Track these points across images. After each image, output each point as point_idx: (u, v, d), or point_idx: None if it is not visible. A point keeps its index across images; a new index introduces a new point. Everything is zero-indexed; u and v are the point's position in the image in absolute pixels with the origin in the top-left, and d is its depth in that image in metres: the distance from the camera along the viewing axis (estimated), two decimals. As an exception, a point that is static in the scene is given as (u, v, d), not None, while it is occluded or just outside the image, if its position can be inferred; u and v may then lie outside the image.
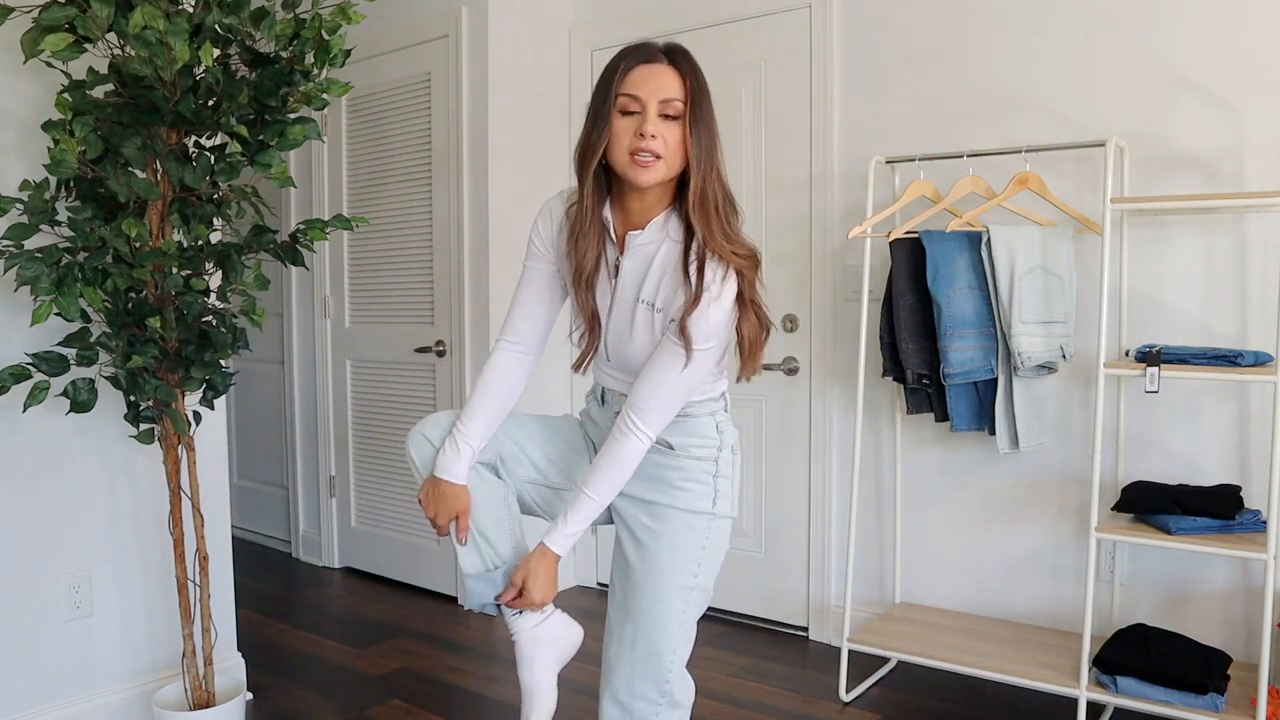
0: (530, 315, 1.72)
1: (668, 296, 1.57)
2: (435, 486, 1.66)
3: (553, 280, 1.71)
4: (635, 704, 1.66)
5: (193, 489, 2.35)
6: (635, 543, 1.68)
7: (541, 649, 1.68)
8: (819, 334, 3.24)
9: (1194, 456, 2.65)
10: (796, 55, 3.25)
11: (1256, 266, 2.54)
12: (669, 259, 1.57)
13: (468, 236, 3.56)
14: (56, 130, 2.05)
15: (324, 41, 2.17)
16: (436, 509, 1.66)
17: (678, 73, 1.51)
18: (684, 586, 1.65)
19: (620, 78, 1.50)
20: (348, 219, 2.34)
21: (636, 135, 1.48)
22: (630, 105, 1.49)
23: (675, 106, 1.49)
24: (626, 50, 1.53)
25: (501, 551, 1.68)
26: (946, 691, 2.84)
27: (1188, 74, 2.61)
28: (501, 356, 1.73)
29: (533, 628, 1.68)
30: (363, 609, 3.68)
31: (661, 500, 1.67)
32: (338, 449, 4.12)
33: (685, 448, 1.67)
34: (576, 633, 1.74)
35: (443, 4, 3.60)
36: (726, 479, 1.70)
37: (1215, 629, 2.62)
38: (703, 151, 1.50)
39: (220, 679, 2.47)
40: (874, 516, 3.18)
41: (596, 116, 1.51)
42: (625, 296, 1.61)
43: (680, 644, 1.68)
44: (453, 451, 1.65)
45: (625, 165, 1.51)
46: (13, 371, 2.08)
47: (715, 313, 1.52)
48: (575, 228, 1.59)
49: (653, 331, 1.59)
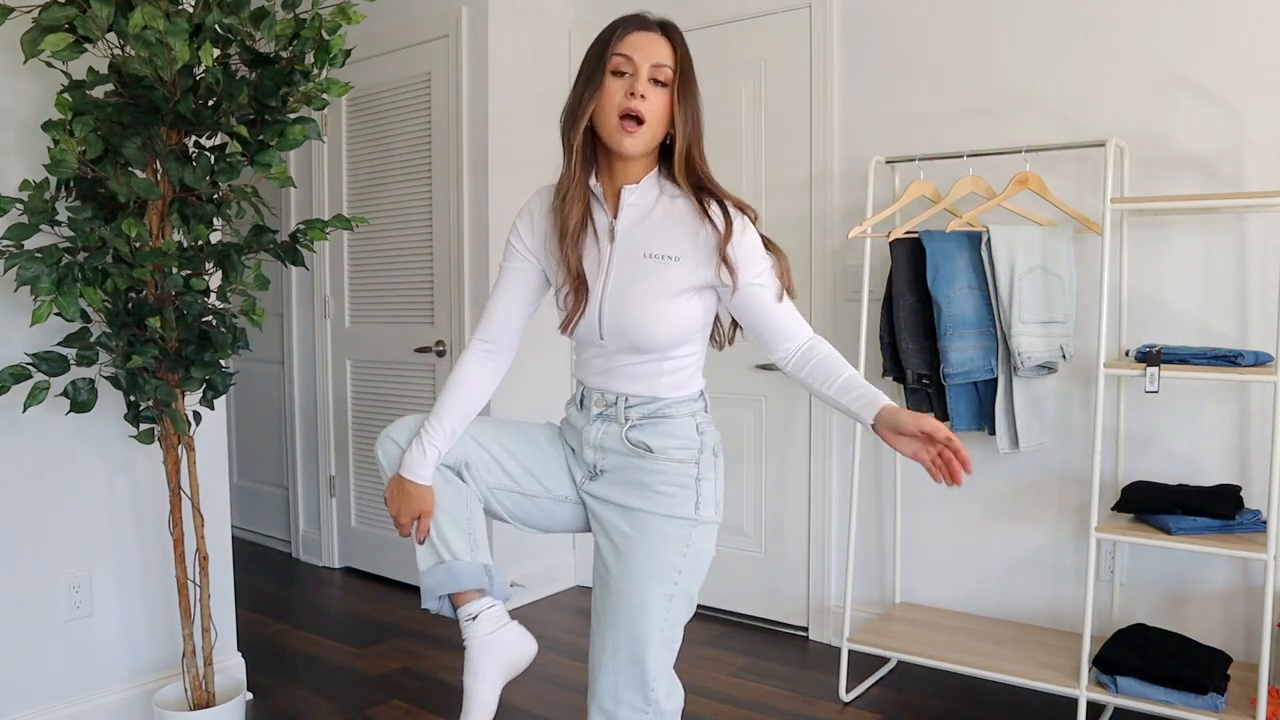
0: (505, 315, 1.72)
1: (686, 247, 1.60)
2: (400, 486, 1.65)
3: (530, 280, 1.72)
4: (621, 711, 1.63)
5: (193, 489, 2.35)
6: (614, 549, 1.67)
7: (490, 657, 1.65)
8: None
9: (1194, 456, 2.65)
10: (796, 55, 3.25)
11: (1256, 266, 2.54)
12: (672, 213, 1.62)
13: (468, 236, 3.56)
14: (56, 130, 2.05)
15: (324, 41, 2.17)
16: (400, 507, 1.65)
17: (669, 42, 1.58)
18: (664, 594, 1.63)
19: (616, 40, 1.57)
20: (348, 219, 2.34)
21: (626, 95, 1.54)
22: (623, 65, 1.56)
23: (665, 73, 1.56)
24: (622, 18, 1.60)
25: (459, 554, 1.65)
26: (946, 691, 2.84)
27: (1188, 74, 2.61)
28: (470, 358, 1.73)
29: (485, 635, 1.65)
30: (363, 609, 3.68)
31: (641, 506, 1.65)
32: (338, 449, 4.12)
33: (665, 450, 1.65)
34: (530, 647, 1.71)
35: (443, 4, 3.60)
36: (709, 482, 1.68)
37: (1215, 629, 2.62)
38: (688, 121, 1.58)
39: (220, 679, 2.47)
40: (874, 516, 3.18)
41: (589, 79, 1.57)
42: (626, 253, 1.62)
43: (663, 651, 1.65)
44: (418, 452, 1.64)
45: (613, 130, 1.56)
46: (13, 371, 2.08)
47: (750, 234, 1.61)
48: (561, 188, 1.63)
49: (668, 283, 1.60)
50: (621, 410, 1.67)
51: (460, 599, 1.66)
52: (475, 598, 1.66)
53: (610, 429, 1.68)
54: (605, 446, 1.69)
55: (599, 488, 1.70)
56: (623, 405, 1.67)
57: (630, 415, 1.67)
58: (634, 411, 1.67)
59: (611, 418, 1.68)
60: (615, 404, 1.68)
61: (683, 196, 1.62)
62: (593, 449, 1.70)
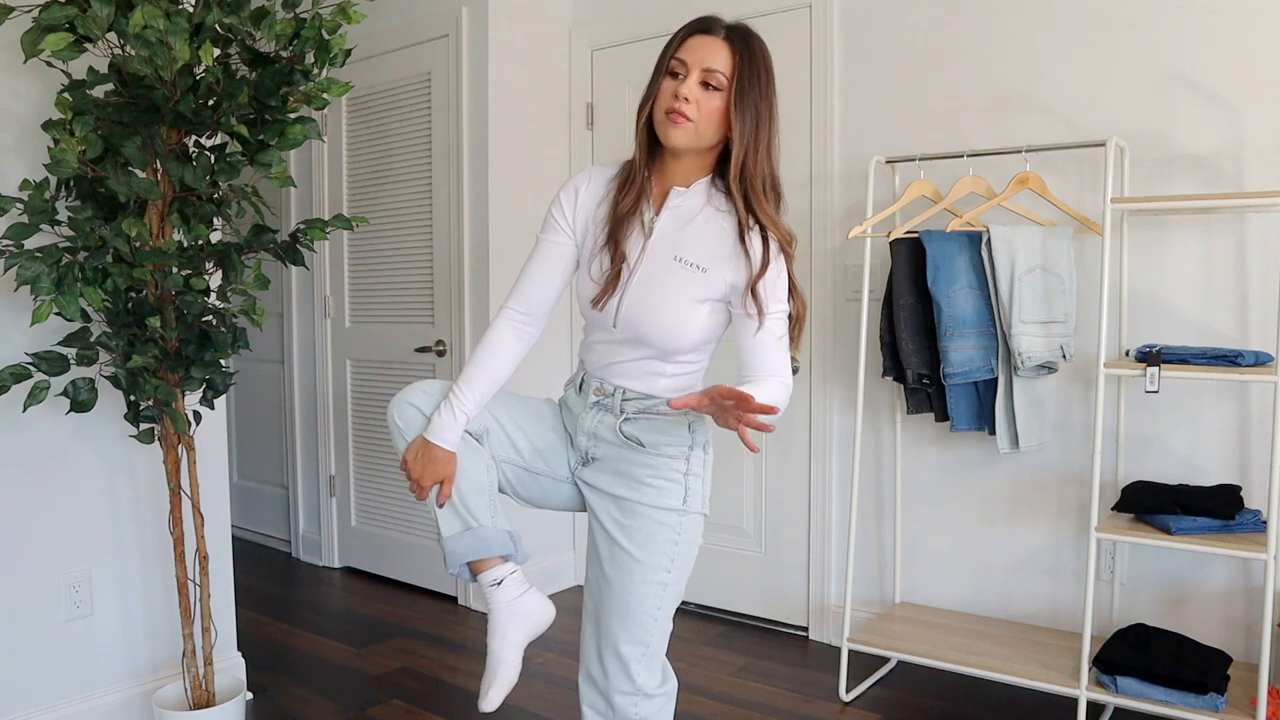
0: (540, 285, 1.73)
1: (715, 262, 1.61)
2: (426, 450, 1.65)
3: (565, 256, 1.72)
4: (614, 697, 1.69)
5: (193, 489, 2.35)
6: (608, 539, 1.71)
7: (516, 622, 1.68)
8: (819, 334, 3.24)
9: (1194, 456, 2.65)
10: (796, 55, 3.25)
11: (1256, 266, 2.54)
12: (713, 227, 1.63)
13: (468, 236, 3.56)
14: (56, 130, 2.05)
15: (324, 41, 2.17)
16: (423, 471, 1.65)
17: (730, 49, 1.59)
18: (658, 582, 1.68)
19: (677, 43, 1.61)
20: (348, 219, 2.34)
21: (673, 95, 1.58)
22: (677, 68, 1.59)
23: (717, 78, 1.57)
24: (693, 20, 1.63)
25: (480, 517, 1.67)
26: (946, 691, 2.84)
27: (1188, 74, 2.61)
28: (503, 326, 1.73)
29: (510, 600, 1.67)
30: (363, 609, 3.68)
31: (631, 496, 1.69)
32: (338, 449, 4.12)
33: (656, 445, 1.68)
34: (550, 611, 1.73)
35: (443, 4, 3.60)
36: (698, 477, 1.71)
37: (1215, 629, 2.62)
38: (747, 127, 1.58)
39: (220, 679, 2.47)
40: (874, 516, 3.18)
41: (653, 76, 1.63)
42: (658, 252, 1.64)
43: (656, 638, 1.70)
44: (449, 417, 1.64)
45: (660, 120, 1.60)
46: (13, 371, 2.08)
47: (782, 278, 1.62)
48: (624, 175, 1.68)
49: (689, 289, 1.61)
50: (618, 402, 1.69)
51: (481, 565, 1.68)
52: (498, 563, 1.68)
53: (605, 419, 1.70)
54: (599, 435, 1.71)
55: (590, 474, 1.74)
56: (619, 397, 1.69)
57: (626, 408, 1.69)
58: (630, 405, 1.69)
59: (608, 408, 1.70)
60: (613, 395, 1.70)
61: (728, 214, 1.63)
62: (587, 436, 1.73)
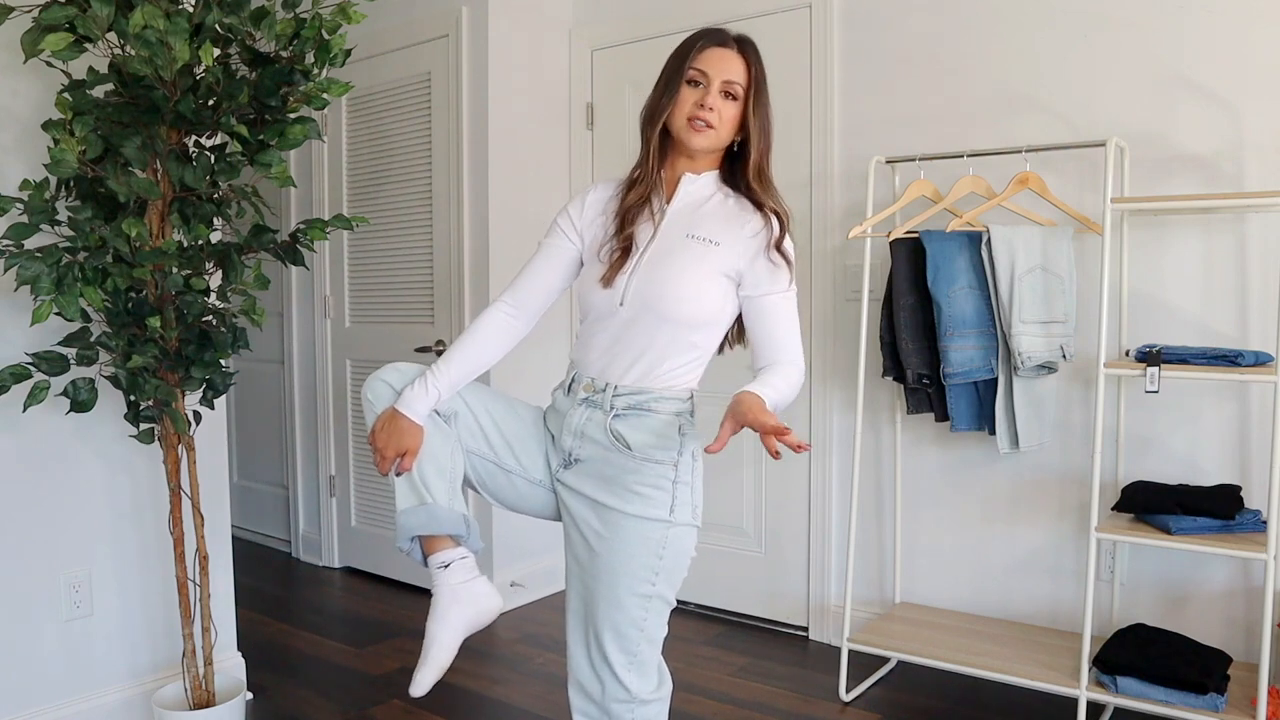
0: (534, 282, 1.77)
1: (727, 237, 1.69)
2: (394, 420, 1.65)
3: (566, 259, 1.77)
4: (611, 705, 1.67)
5: (193, 489, 2.35)
6: (587, 547, 1.68)
7: (458, 608, 1.65)
8: (819, 334, 3.24)
9: (1194, 456, 2.65)
10: (796, 55, 3.25)
11: (1256, 266, 2.54)
12: (723, 209, 1.73)
13: (468, 237, 3.56)
14: (56, 130, 2.05)
15: (324, 41, 2.17)
16: (388, 441, 1.64)
17: (744, 60, 1.70)
18: (640, 594, 1.65)
19: (695, 54, 1.68)
20: (348, 219, 2.34)
21: (697, 105, 1.67)
22: (698, 78, 1.68)
23: (736, 89, 1.69)
24: (704, 31, 1.71)
25: (436, 495, 1.65)
26: (946, 691, 2.84)
27: (1188, 74, 2.61)
28: (493, 315, 1.75)
29: (455, 584, 1.65)
30: (363, 609, 3.68)
31: (613, 504, 1.66)
32: (338, 449, 4.12)
33: (644, 448, 1.65)
34: (495, 602, 1.70)
35: (443, 4, 3.60)
36: (686, 486, 1.68)
37: (1215, 629, 2.62)
38: (762, 133, 1.73)
39: (220, 679, 2.47)
40: (874, 516, 3.18)
41: (668, 84, 1.70)
42: (670, 231, 1.70)
43: (644, 647, 1.68)
44: (420, 389, 1.66)
45: (682, 127, 1.69)
46: (13, 371, 2.08)
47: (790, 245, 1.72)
48: (634, 175, 1.75)
49: (702, 261, 1.66)
50: (609, 398, 1.67)
51: (432, 546, 1.66)
52: (449, 545, 1.66)
53: (594, 416, 1.68)
54: (586, 434, 1.69)
55: (572, 477, 1.71)
56: (610, 393, 1.67)
57: (616, 404, 1.67)
58: (620, 401, 1.67)
59: (597, 404, 1.68)
60: (604, 390, 1.68)
61: (736, 197, 1.74)
62: (572, 435, 1.70)
